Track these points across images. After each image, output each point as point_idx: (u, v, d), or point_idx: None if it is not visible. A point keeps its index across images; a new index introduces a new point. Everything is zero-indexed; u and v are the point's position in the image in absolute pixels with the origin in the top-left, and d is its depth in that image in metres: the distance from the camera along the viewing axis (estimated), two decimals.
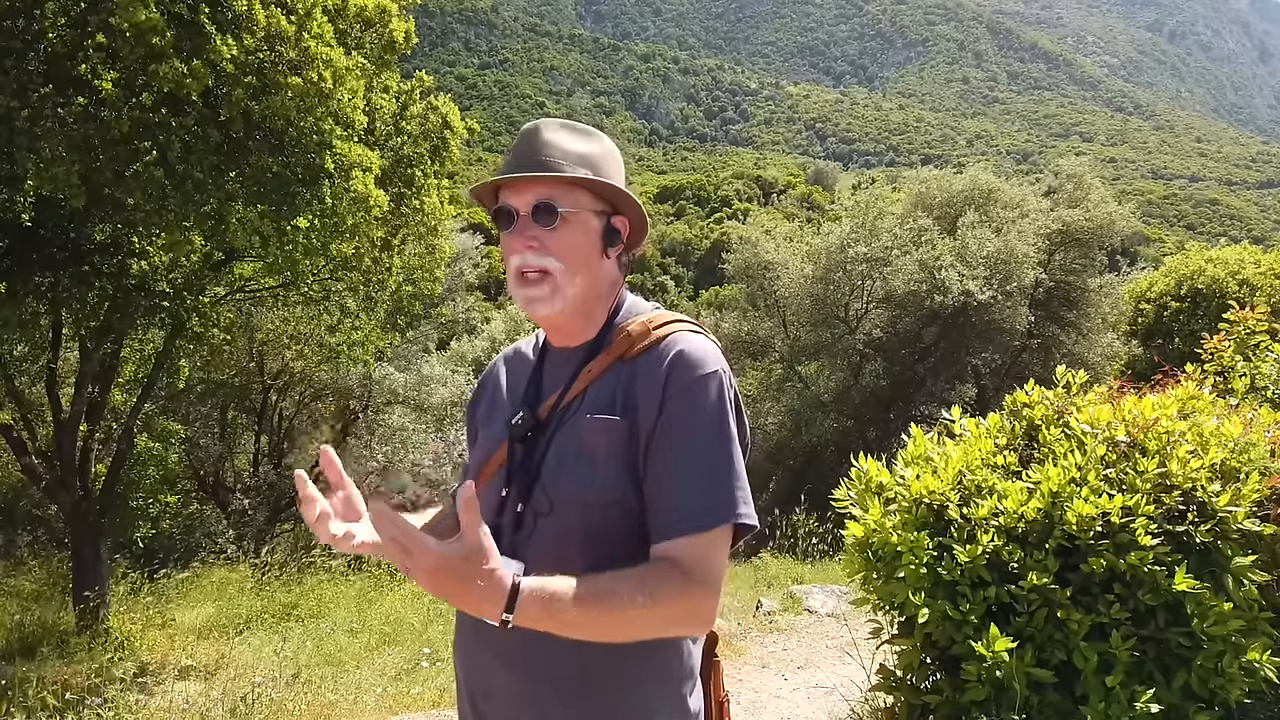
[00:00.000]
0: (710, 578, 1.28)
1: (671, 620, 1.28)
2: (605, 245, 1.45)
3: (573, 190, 1.42)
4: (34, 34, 6.03)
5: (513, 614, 1.12)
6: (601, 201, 1.45)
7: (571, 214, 1.41)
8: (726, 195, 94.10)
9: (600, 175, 1.43)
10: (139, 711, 5.18)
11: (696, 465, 1.31)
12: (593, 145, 1.46)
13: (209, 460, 14.45)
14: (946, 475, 3.08)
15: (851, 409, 16.74)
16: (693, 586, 1.26)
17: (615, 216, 1.47)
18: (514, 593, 1.12)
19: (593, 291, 1.46)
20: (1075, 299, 16.45)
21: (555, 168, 1.40)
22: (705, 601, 1.28)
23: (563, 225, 1.40)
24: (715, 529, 1.30)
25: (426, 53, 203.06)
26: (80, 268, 7.39)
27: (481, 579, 1.09)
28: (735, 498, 1.31)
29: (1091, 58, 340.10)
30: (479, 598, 1.11)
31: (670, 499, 1.31)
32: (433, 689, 5.60)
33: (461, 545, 1.08)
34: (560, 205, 1.39)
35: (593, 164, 1.43)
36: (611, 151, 1.48)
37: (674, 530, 1.29)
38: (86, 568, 8.30)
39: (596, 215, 1.44)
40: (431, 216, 8.80)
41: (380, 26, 7.88)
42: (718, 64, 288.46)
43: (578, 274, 1.41)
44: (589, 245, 1.43)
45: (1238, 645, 2.66)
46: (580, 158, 1.42)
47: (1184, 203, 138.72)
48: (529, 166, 1.40)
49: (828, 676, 5.35)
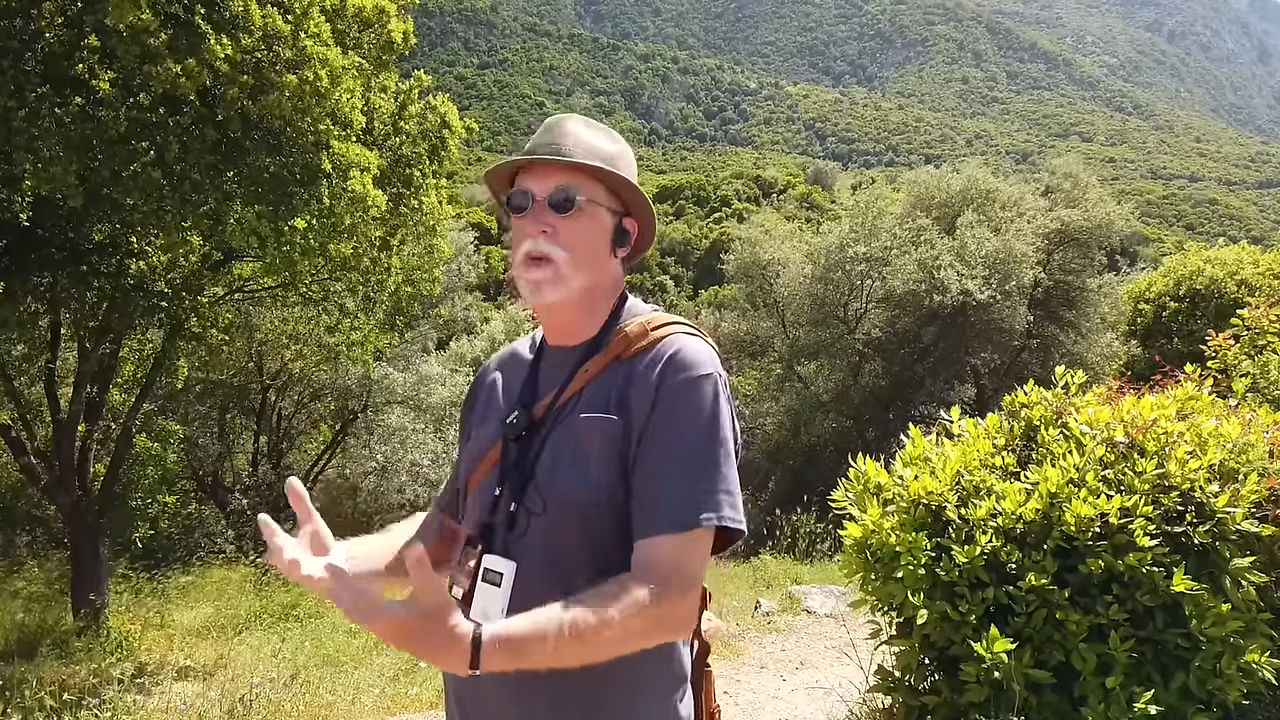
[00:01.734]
0: (686, 578, 1.27)
1: (650, 630, 1.26)
2: (615, 244, 1.46)
3: (593, 183, 1.42)
4: (31, 34, 6.02)
5: (479, 668, 1.12)
6: (616, 200, 1.46)
7: (588, 205, 1.41)
8: (726, 195, 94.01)
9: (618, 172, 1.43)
10: (136, 712, 5.17)
11: (683, 465, 1.30)
12: (613, 145, 1.47)
13: (208, 460, 14.44)
14: (945, 476, 3.07)
15: (850, 409, 16.74)
16: (668, 590, 1.24)
17: (627, 218, 1.48)
18: (476, 646, 1.12)
19: (596, 287, 1.45)
20: (1074, 299, 16.45)
21: (578, 158, 1.40)
22: (681, 603, 1.27)
23: (578, 215, 1.40)
24: (696, 529, 1.28)
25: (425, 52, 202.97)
26: (78, 268, 7.38)
27: (441, 638, 1.10)
28: (719, 500, 1.30)
29: (1091, 58, 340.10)
30: (442, 654, 1.11)
31: (654, 496, 1.30)
32: (431, 690, 5.60)
33: (418, 606, 1.08)
34: (579, 194, 1.39)
35: (613, 163, 1.43)
36: (629, 155, 1.49)
37: (655, 528, 1.28)
38: (85, 568, 8.29)
39: (610, 213, 1.44)
40: (430, 216, 8.79)
41: (378, 26, 7.88)
42: (717, 64, 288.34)
43: (584, 267, 1.41)
44: (600, 241, 1.43)
45: (1236, 646, 2.65)
46: (601, 154, 1.43)
47: (1183, 203, 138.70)
48: (552, 154, 1.40)
49: (826, 677, 5.34)
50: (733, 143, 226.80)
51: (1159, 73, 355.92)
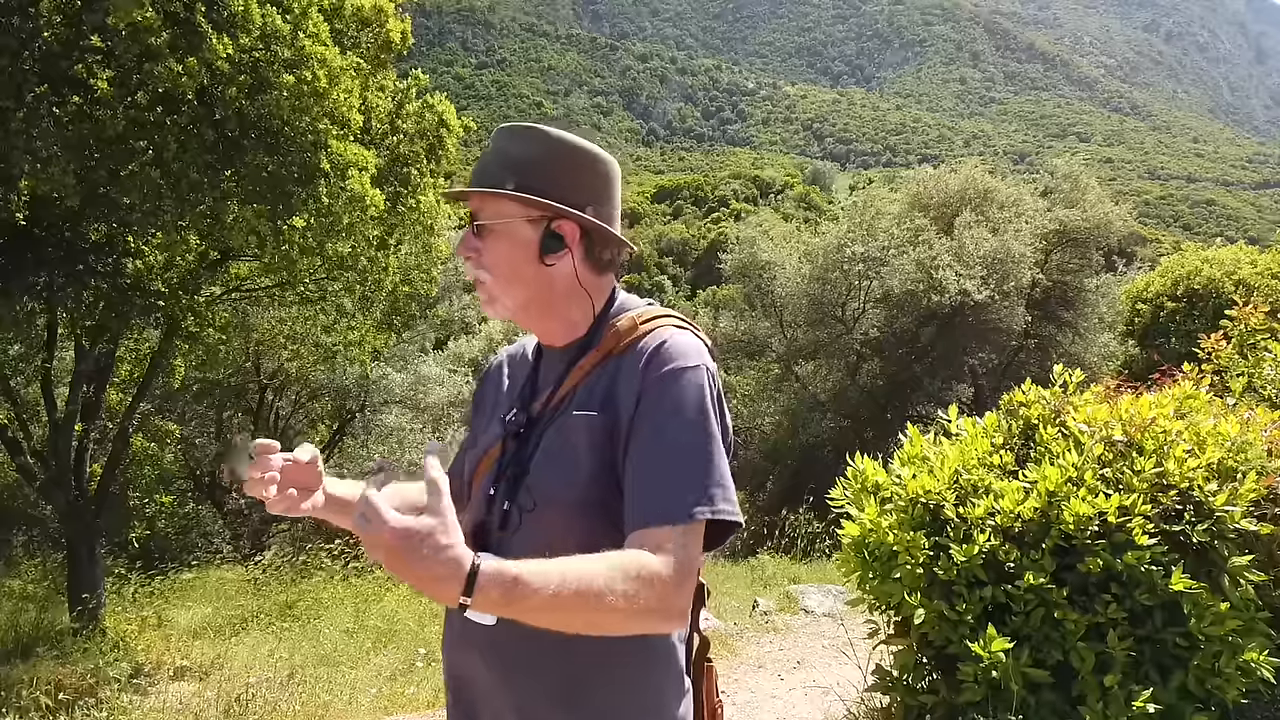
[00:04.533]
0: (681, 571, 1.24)
1: (641, 612, 1.21)
2: (543, 251, 1.40)
3: (497, 201, 1.40)
4: (29, 33, 6.00)
5: (471, 597, 1.05)
6: (536, 209, 1.40)
7: (498, 225, 1.40)
8: (724, 195, 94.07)
9: (532, 180, 1.38)
10: (133, 712, 5.16)
11: (672, 458, 1.29)
12: (530, 148, 1.41)
13: (205, 460, 14.42)
14: (943, 475, 3.07)
15: (848, 409, 16.74)
16: (659, 580, 1.22)
17: (557, 221, 1.41)
18: (473, 574, 1.05)
19: (539, 298, 1.43)
20: (1072, 299, 16.45)
21: (481, 180, 1.40)
22: (674, 596, 1.24)
23: (489, 238, 1.40)
24: (688, 523, 1.26)
25: (424, 52, 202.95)
26: (75, 267, 7.36)
27: (438, 554, 1.03)
28: (711, 493, 1.28)
29: (1088, 58, 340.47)
30: (435, 576, 1.04)
31: (645, 490, 1.28)
32: (428, 689, 5.59)
33: (418, 518, 1.03)
34: (484, 218, 1.40)
35: (524, 169, 1.39)
36: (558, 152, 1.42)
37: (646, 522, 1.26)
38: (82, 568, 8.28)
39: (532, 223, 1.40)
40: (428, 216, 8.78)
41: (377, 26, 7.88)
42: (715, 64, 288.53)
43: (510, 284, 1.41)
44: (519, 256, 1.40)
45: (1234, 645, 2.65)
46: (512, 164, 1.40)
47: (1180, 203, 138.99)
48: (472, 179, 1.42)
49: (824, 676, 5.34)
50: (731, 143, 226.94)
51: (1156, 73, 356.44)
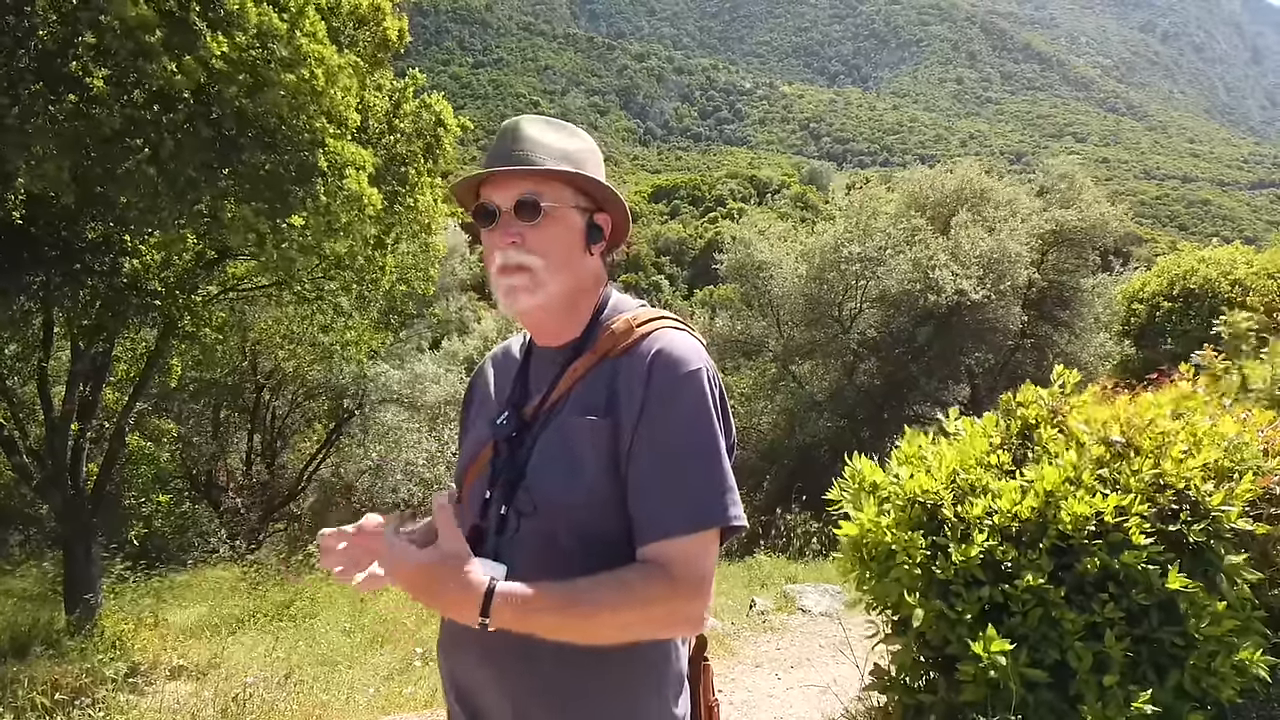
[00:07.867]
0: (698, 580, 1.26)
1: (658, 623, 1.27)
2: (588, 242, 1.43)
3: (556, 185, 1.40)
4: (25, 30, 5.98)
5: (488, 617, 1.17)
6: (584, 198, 1.43)
7: (554, 209, 1.39)
8: (721, 195, 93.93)
9: (583, 171, 1.41)
10: (129, 712, 5.15)
11: (682, 466, 1.29)
12: (574, 141, 1.44)
13: (202, 459, 14.41)
14: (940, 474, 3.07)
15: (845, 408, 16.73)
16: (680, 588, 1.24)
17: (598, 214, 1.45)
18: (488, 596, 1.17)
19: (576, 288, 1.43)
20: (1068, 299, 16.47)
21: (537, 162, 1.38)
22: (693, 603, 1.26)
23: (545, 221, 1.38)
24: (704, 531, 1.28)
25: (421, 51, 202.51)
26: (72, 266, 7.34)
27: (456, 583, 1.16)
28: (724, 500, 1.29)
29: (1085, 58, 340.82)
30: (454, 601, 1.17)
31: (656, 501, 1.29)
32: (425, 689, 5.58)
33: (438, 551, 1.16)
34: (543, 200, 1.37)
35: (575, 160, 1.41)
36: (592, 148, 1.46)
37: (661, 533, 1.27)
38: (79, 567, 8.26)
39: (580, 212, 1.42)
40: (425, 215, 8.77)
41: (373, 25, 7.87)
42: (712, 64, 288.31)
43: (560, 271, 1.40)
44: (572, 241, 1.41)
45: (1230, 645, 2.66)
46: (562, 153, 1.40)
47: (1176, 203, 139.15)
48: (511, 162, 1.38)
49: (821, 676, 5.34)
50: (727, 142, 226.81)
51: (1152, 74, 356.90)
